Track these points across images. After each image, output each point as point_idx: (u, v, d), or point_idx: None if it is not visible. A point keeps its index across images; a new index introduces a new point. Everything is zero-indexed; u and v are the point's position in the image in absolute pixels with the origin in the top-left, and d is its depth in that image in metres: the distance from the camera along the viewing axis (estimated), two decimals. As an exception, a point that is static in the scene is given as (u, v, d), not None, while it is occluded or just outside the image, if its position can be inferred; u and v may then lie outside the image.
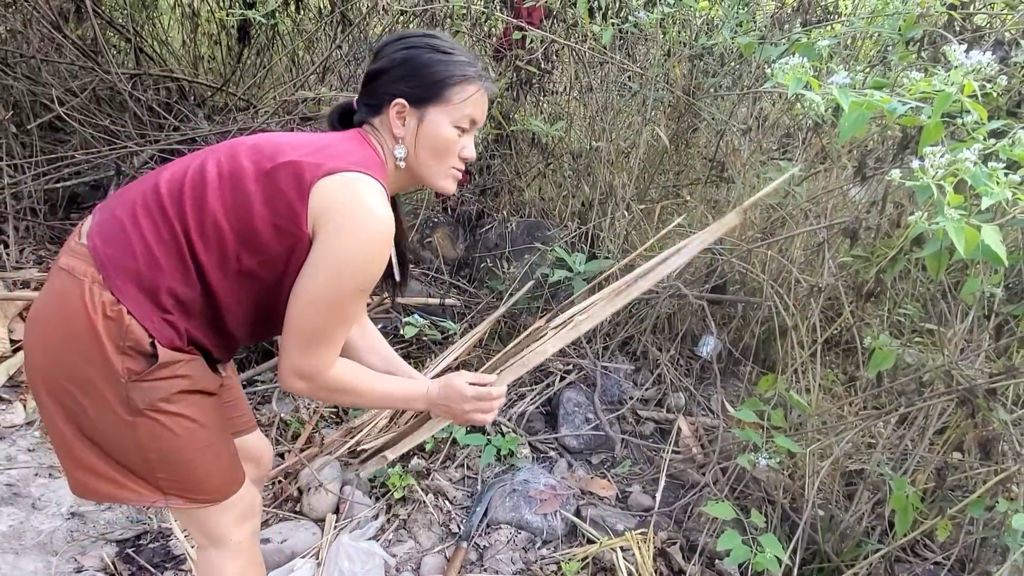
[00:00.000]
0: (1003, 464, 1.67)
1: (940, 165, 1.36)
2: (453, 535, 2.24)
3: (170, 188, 1.19)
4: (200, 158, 1.24)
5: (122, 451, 1.23)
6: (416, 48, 1.28)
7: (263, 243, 1.17)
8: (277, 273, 1.21)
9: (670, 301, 2.83)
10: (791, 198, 2.57)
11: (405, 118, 1.28)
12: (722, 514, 1.87)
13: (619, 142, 3.21)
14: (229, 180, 1.18)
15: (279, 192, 1.15)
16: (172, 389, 1.21)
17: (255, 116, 3.76)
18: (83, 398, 1.19)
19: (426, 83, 1.27)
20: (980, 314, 1.95)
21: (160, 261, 1.17)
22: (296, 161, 1.16)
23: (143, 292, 1.17)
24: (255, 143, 1.24)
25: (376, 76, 1.30)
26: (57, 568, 1.99)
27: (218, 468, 1.32)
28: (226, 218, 1.16)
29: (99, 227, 1.20)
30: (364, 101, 1.33)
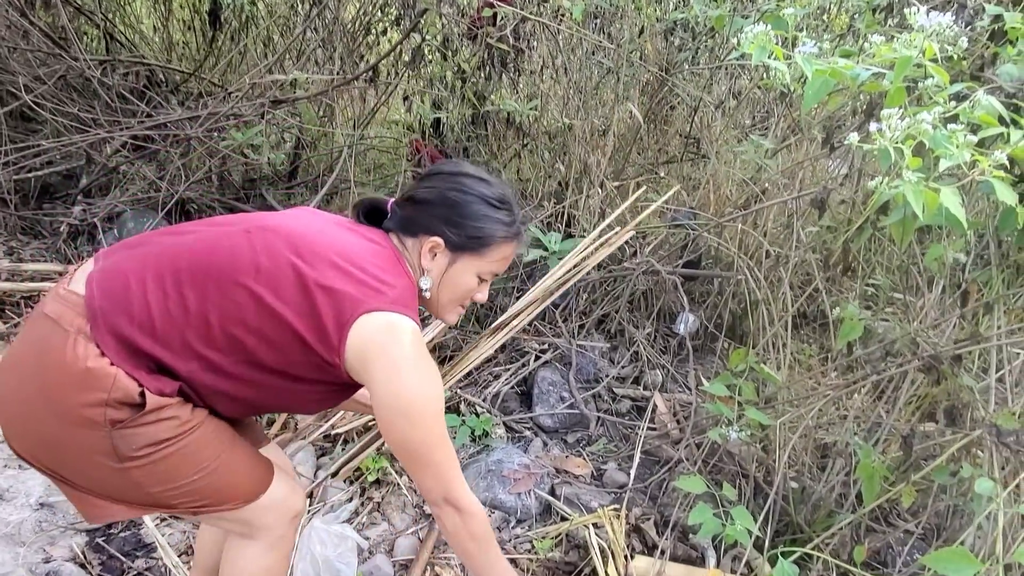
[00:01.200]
0: (969, 431, 1.67)
1: (898, 128, 1.34)
2: (427, 516, 2.23)
3: (192, 264, 1.16)
4: (228, 241, 1.19)
5: (123, 493, 1.19)
6: (470, 195, 1.30)
7: (286, 347, 1.16)
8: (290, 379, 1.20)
9: (645, 278, 2.81)
10: (764, 171, 2.56)
11: (436, 255, 1.32)
12: (694, 488, 1.86)
13: (594, 120, 3.18)
14: (267, 277, 1.15)
15: (316, 313, 1.14)
16: (160, 435, 1.14)
17: (226, 99, 3.71)
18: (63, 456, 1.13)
19: (469, 236, 1.30)
20: (951, 284, 1.94)
21: (156, 330, 1.13)
22: (338, 290, 1.15)
23: (128, 351, 1.12)
24: (290, 237, 1.21)
25: (423, 204, 1.32)
26: (25, 559, 1.97)
27: (237, 476, 1.27)
28: (255, 312, 1.14)
29: (100, 275, 1.15)
30: (402, 218, 1.34)
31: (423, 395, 1.19)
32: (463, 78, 3.30)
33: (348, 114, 4.05)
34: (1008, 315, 1.75)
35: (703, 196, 2.85)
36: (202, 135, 3.43)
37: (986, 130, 1.43)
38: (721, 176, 2.80)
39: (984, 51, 1.80)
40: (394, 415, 1.19)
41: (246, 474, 1.29)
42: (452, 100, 3.33)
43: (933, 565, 1.30)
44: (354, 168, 3.50)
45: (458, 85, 3.32)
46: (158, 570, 1.99)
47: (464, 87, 3.30)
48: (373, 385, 1.18)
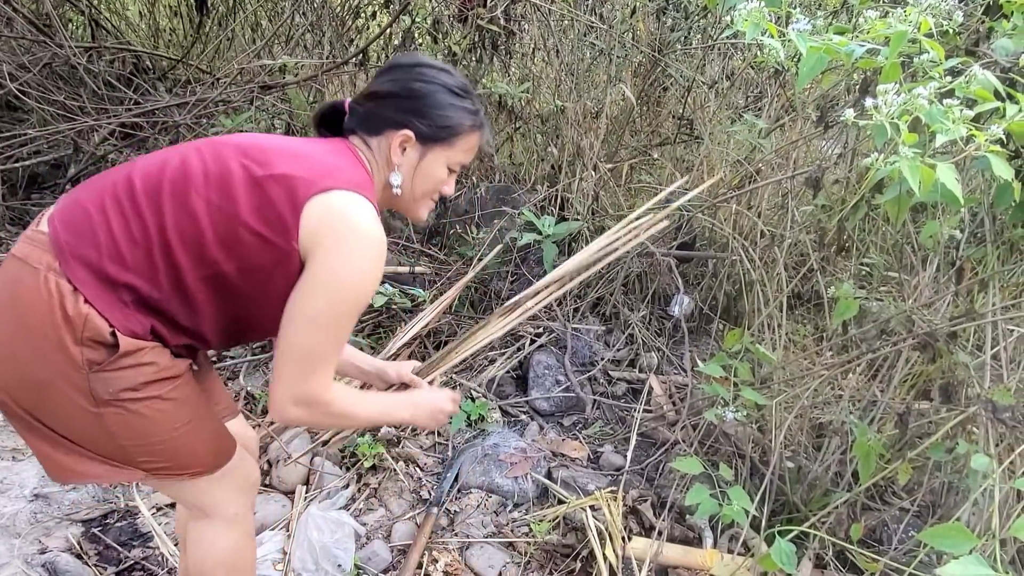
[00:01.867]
0: (964, 408, 1.67)
1: (894, 103, 1.33)
2: (424, 502, 2.23)
3: (146, 184, 1.14)
4: (179, 153, 1.19)
5: (93, 442, 1.18)
6: (434, 84, 1.28)
7: (246, 249, 1.15)
8: (258, 283, 1.18)
9: (639, 260, 2.80)
10: (758, 152, 2.55)
11: (406, 149, 1.29)
12: (690, 469, 1.86)
13: (587, 102, 3.16)
14: (216, 181, 1.14)
15: (270, 203, 1.13)
16: (138, 379, 1.15)
17: (215, 85, 3.66)
18: (44, 394, 1.13)
19: (439, 125, 1.28)
20: (944, 261, 1.94)
21: (125, 257, 1.12)
22: (289, 175, 1.14)
23: (101, 283, 1.11)
24: (239, 144, 1.20)
25: (385, 98, 1.29)
26: (21, 550, 1.96)
27: (201, 444, 1.27)
28: (209, 219, 1.13)
29: (61, 213, 1.14)
30: (363, 116, 1.31)
31: (360, 275, 1.16)
32: (454, 61, 3.27)
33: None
34: (1003, 292, 1.75)
35: (697, 177, 2.84)
36: (191, 122, 3.39)
37: (982, 105, 1.41)
38: (715, 157, 2.79)
39: (979, 25, 1.78)
40: (320, 285, 1.15)
41: (211, 443, 1.30)
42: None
43: (930, 541, 1.30)
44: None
45: (449, 69, 3.28)
46: (155, 559, 1.98)
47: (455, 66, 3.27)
48: (315, 257, 1.14)
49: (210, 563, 1.39)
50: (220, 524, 1.36)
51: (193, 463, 1.27)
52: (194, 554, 1.40)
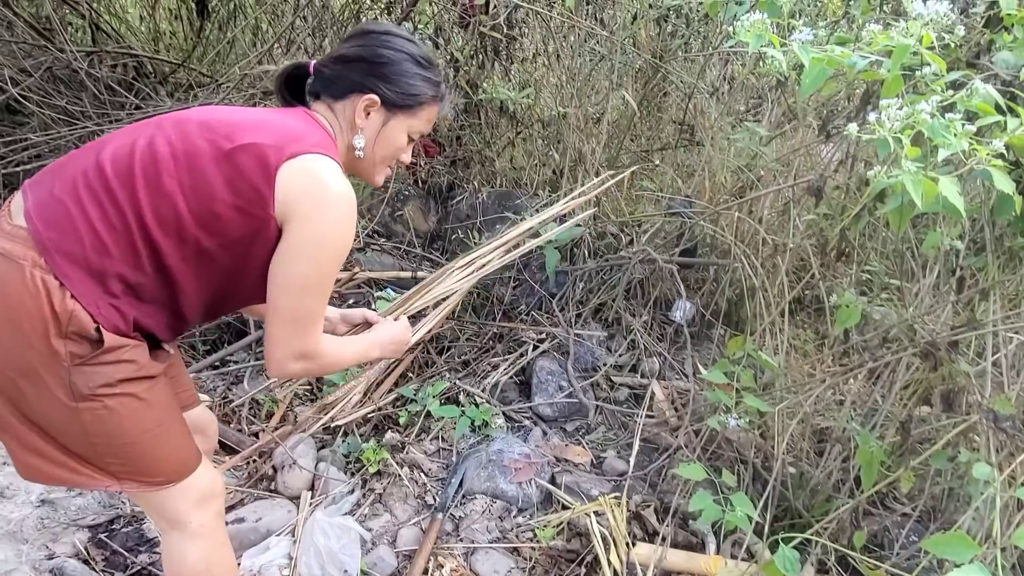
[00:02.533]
0: (966, 416, 1.69)
1: (897, 117, 1.35)
2: (429, 507, 2.24)
3: (117, 169, 1.15)
4: (144, 135, 1.19)
5: (68, 437, 1.20)
6: (402, 53, 1.32)
7: (224, 225, 1.17)
8: (238, 255, 1.21)
9: (642, 266, 2.82)
10: (759, 159, 2.56)
11: (370, 113, 1.33)
12: (694, 475, 1.88)
13: (588, 108, 3.17)
14: (185, 160, 1.16)
15: (241, 174, 1.16)
16: (116, 375, 1.17)
17: (217, 90, 3.67)
18: (24, 385, 1.15)
19: (405, 92, 1.32)
20: (945, 270, 1.96)
21: (109, 247, 1.14)
22: (257, 144, 1.17)
23: (90, 276, 1.13)
24: (203, 120, 1.22)
25: (353, 62, 1.32)
26: (28, 556, 1.97)
27: (169, 450, 1.29)
28: (184, 200, 1.15)
29: (37, 208, 1.14)
30: (329, 78, 1.33)
31: (339, 234, 1.22)
32: (456, 67, 3.28)
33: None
34: (1003, 301, 1.77)
35: (698, 184, 2.86)
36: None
37: (983, 118, 1.44)
38: (716, 164, 2.81)
39: (980, 38, 1.80)
40: (304, 249, 1.20)
41: (178, 452, 1.31)
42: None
43: (932, 549, 1.32)
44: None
45: (451, 74, 3.30)
46: (161, 565, 1.99)
47: (457, 76, 3.28)
48: (294, 223, 1.18)
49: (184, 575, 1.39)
50: (185, 535, 1.36)
51: (157, 471, 1.27)
52: (167, 568, 1.41)
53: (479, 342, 2.93)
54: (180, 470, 1.31)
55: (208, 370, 2.77)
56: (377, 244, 3.39)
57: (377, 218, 3.44)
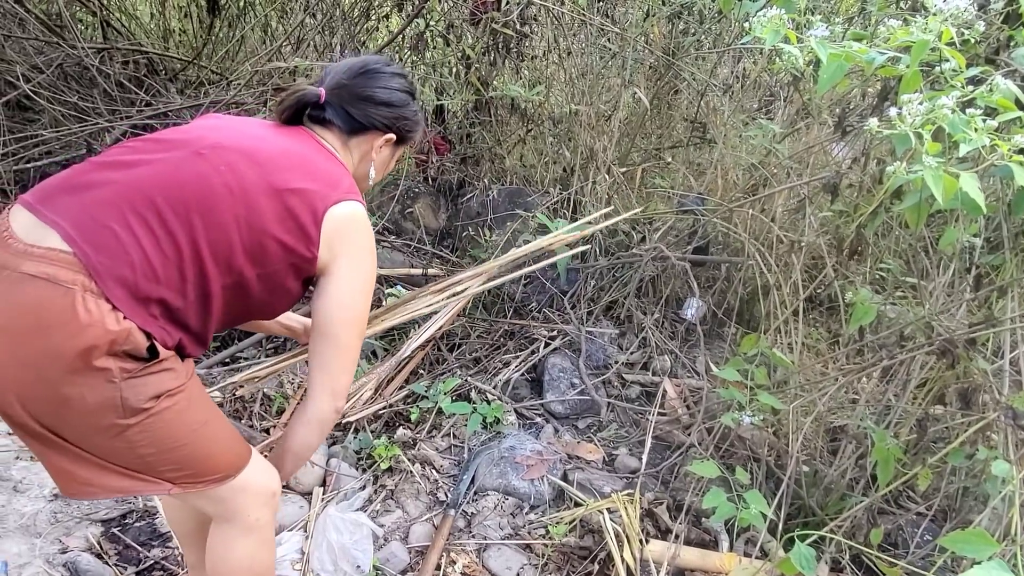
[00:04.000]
0: (984, 414, 1.68)
1: (918, 113, 1.34)
2: (441, 503, 2.24)
3: (168, 199, 1.17)
4: (188, 165, 1.22)
5: (116, 456, 1.19)
6: (408, 95, 1.48)
7: (269, 256, 1.25)
8: (271, 285, 1.29)
9: (653, 264, 2.82)
10: (772, 156, 2.55)
11: (383, 147, 1.48)
12: (708, 472, 1.88)
13: (599, 105, 3.17)
14: (240, 195, 1.21)
15: (292, 214, 1.24)
16: (163, 384, 1.18)
17: (227, 88, 3.68)
18: (66, 413, 1.13)
19: (410, 131, 1.51)
20: (961, 267, 1.95)
21: (158, 273, 1.15)
22: (305, 189, 1.26)
23: (135, 300, 1.14)
24: (243, 151, 1.26)
25: (380, 105, 1.44)
26: (42, 550, 1.98)
27: (220, 444, 1.29)
28: (238, 231, 1.21)
29: (81, 233, 1.12)
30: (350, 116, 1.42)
31: (373, 272, 1.38)
32: (468, 64, 3.28)
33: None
34: (1021, 298, 1.76)
35: (710, 181, 2.85)
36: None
37: (1003, 114, 1.42)
38: (728, 161, 2.80)
39: (998, 34, 1.79)
40: (358, 288, 1.35)
41: (228, 446, 1.31)
42: (455, 86, 3.31)
43: (951, 546, 1.31)
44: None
45: (462, 71, 3.30)
46: (174, 559, 2.00)
47: (468, 73, 3.28)
48: (339, 269, 1.31)
49: (226, 569, 1.40)
50: (239, 530, 1.37)
51: (215, 467, 1.28)
52: (211, 559, 1.41)
53: (490, 339, 2.93)
54: (235, 463, 1.32)
55: (219, 366, 2.78)
56: (387, 241, 3.39)
57: (387, 215, 3.44)
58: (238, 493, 1.33)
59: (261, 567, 1.43)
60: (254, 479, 1.35)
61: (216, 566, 1.41)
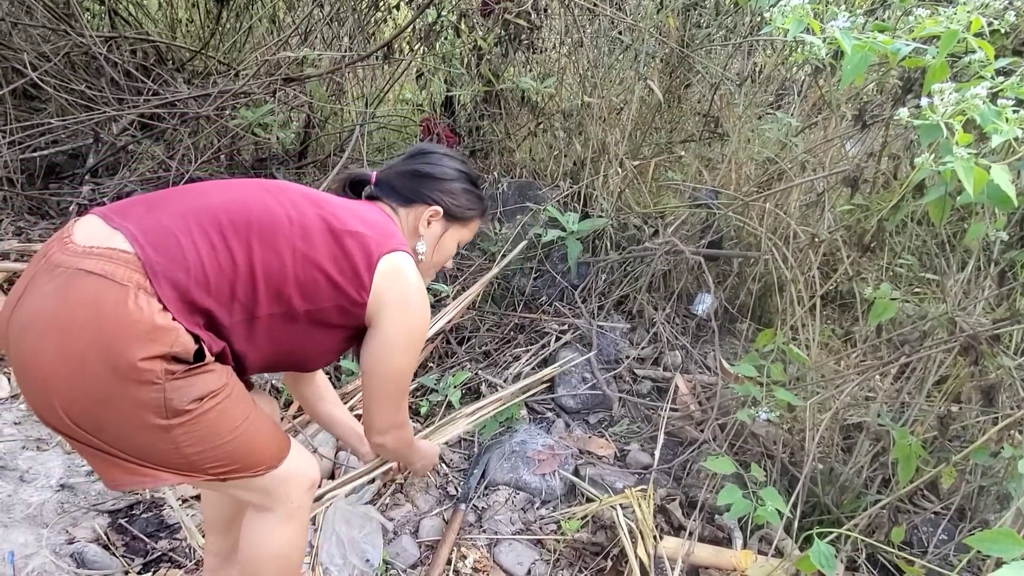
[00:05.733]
0: (1005, 411, 1.65)
1: (950, 103, 1.31)
2: (451, 498, 2.22)
3: (231, 218, 1.22)
4: (253, 194, 1.29)
5: (159, 456, 1.19)
6: (460, 172, 1.54)
7: (320, 292, 1.28)
8: (319, 325, 1.32)
9: (665, 258, 2.79)
10: (787, 150, 2.53)
11: (431, 222, 1.52)
12: (722, 469, 1.85)
13: (611, 98, 3.14)
14: (300, 227, 1.26)
15: (347, 255, 1.28)
16: (207, 386, 1.18)
17: (235, 78, 3.65)
18: (105, 415, 1.13)
19: (463, 207, 1.54)
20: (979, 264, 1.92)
21: (210, 283, 1.17)
22: (362, 233, 1.31)
23: (183, 304, 1.15)
24: (308, 193, 1.36)
25: (423, 177, 1.51)
26: (48, 540, 1.96)
27: (263, 437, 1.31)
28: (292, 261, 1.24)
29: (145, 234, 1.16)
30: (397, 189, 1.51)
31: (422, 327, 1.41)
32: (479, 55, 3.25)
33: (356, 93, 3.99)
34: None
35: (724, 175, 2.82)
36: (212, 113, 3.38)
37: (1034, 106, 1.39)
38: (742, 155, 2.77)
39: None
40: (403, 342, 1.38)
41: (270, 437, 1.33)
42: (466, 78, 3.28)
43: (978, 545, 1.28)
44: (365, 147, 3.46)
45: (473, 62, 3.26)
46: (182, 551, 1.98)
47: (480, 65, 3.25)
48: (385, 319, 1.35)
49: (266, 555, 1.40)
50: (280, 517, 1.38)
51: (259, 459, 1.30)
52: (249, 545, 1.42)
53: (500, 332, 2.91)
54: (278, 453, 1.33)
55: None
56: (396, 234, 3.35)
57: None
58: (281, 483, 1.35)
59: (299, 552, 1.46)
60: (296, 468, 1.37)
61: (257, 552, 1.41)
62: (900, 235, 2.26)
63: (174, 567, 1.92)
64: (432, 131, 3.58)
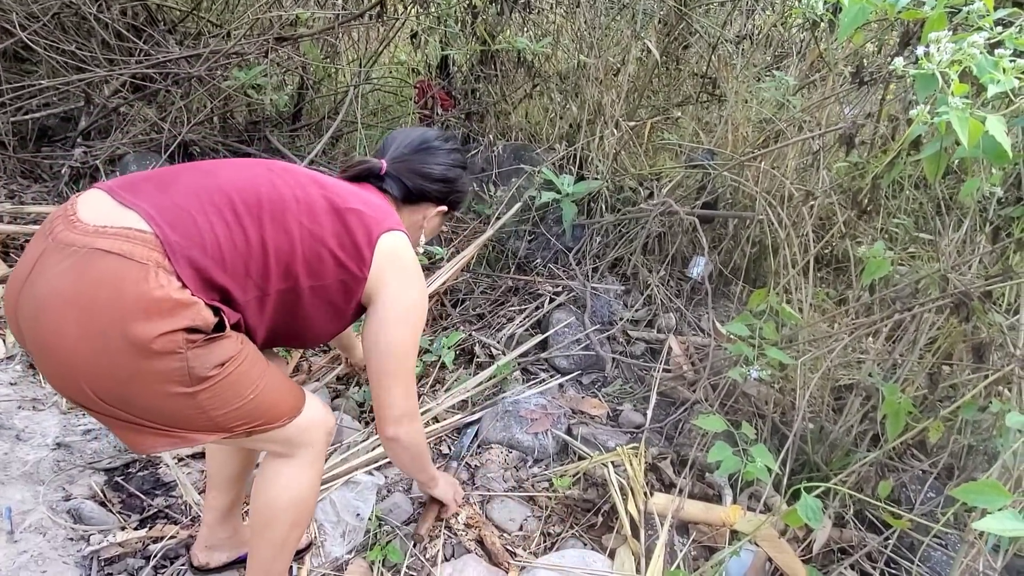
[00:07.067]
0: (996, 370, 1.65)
1: (946, 51, 1.29)
2: (444, 456, 2.24)
3: (243, 198, 1.25)
4: (262, 175, 1.32)
5: (185, 421, 1.22)
6: (462, 168, 1.64)
7: (324, 269, 1.32)
8: (321, 301, 1.35)
9: (660, 220, 2.77)
10: (784, 111, 2.50)
11: (436, 217, 1.64)
12: (713, 427, 1.86)
13: (608, 59, 3.09)
14: (306, 207, 1.31)
15: (349, 232, 1.33)
16: (227, 351, 1.21)
17: (227, 38, 3.59)
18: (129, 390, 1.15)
19: (461, 201, 1.69)
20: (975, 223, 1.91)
21: (225, 261, 1.20)
22: (363, 212, 1.36)
23: (201, 282, 1.18)
24: (311, 175, 1.40)
25: (437, 181, 1.59)
26: (45, 497, 1.97)
27: (281, 390, 1.35)
28: (300, 239, 1.28)
29: (161, 214, 1.17)
30: (408, 188, 1.57)
31: (422, 302, 1.45)
32: (475, 14, 3.19)
33: (351, 55, 3.94)
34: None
35: (720, 136, 2.79)
36: (204, 74, 3.33)
37: (1033, 56, 1.37)
38: (739, 116, 2.74)
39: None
40: (397, 319, 1.40)
41: (287, 391, 1.38)
42: (461, 38, 3.23)
43: (963, 497, 1.29)
44: (359, 110, 3.42)
45: (468, 21, 3.21)
46: (178, 507, 2.00)
47: (475, 23, 3.19)
48: (384, 294, 1.39)
49: (286, 499, 1.44)
50: (303, 462, 1.43)
51: (281, 412, 1.35)
52: (269, 491, 1.45)
53: (494, 295, 2.91)
54: (296, 404, 1.38)
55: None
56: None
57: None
58: (303, 431, 1.40)
59: (315, 496, 1.52)
60: (314, 415, 1.42)
61: (278, 497, 1.44)
62: (897, 198, 2.24)
63: (170, 523, 1.94)
64: (427, 93, 3.54)
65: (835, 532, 1.93)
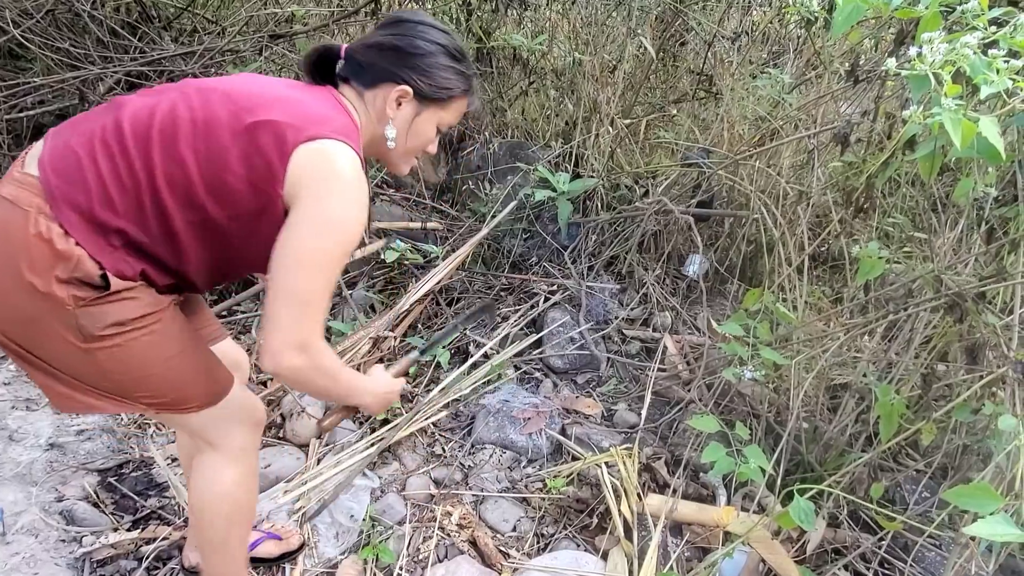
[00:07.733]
0: (990, 371, 1.65)
1: (939, 52, 1.28)
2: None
3: (135, 129, 1.15)
4: (168, 99, 1.19)
5: (89, 377, 1.21)
6: (436, 44, 1.30)
7: (234, 197, 1.17)
8: (246, 229, 1.21)
9: (656, 218, 2.76)
10: (780, 109, 2.48)
11: (401, 104, 1.30)
12: (707, 427, 1.85)
13: (604, 56, 3.08)
14: (204, 129, 1.16)
15: (258, 150, 1.15)
16: (125, 314, 1.17)
17: (222, 35, 3.58)
18: (33, 332, 1.15)
19: (438, 86, 1.30)
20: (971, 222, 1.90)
21: (115, 202, 1.14)
22: (277, 121, 1.16)
23: (92, 227, 1.13)
24: (227, 90, 1.21)
25: (387, 50, 1.29)
26: (38, 498, 1.97)
27: (195, 375, 1.29)
28: (197, 167, 1.15)
29: (51, 157, 1.14)
30: (361, 65, 1.31)
31: (347, 216, 1.17)
32: (469, 11, 3.18)
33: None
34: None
35: (716, 135, 2.78)
36: (198, 71, 3.32)
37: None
38: (735, 114, 2.72)
39: (1024, -26, 1.71)
40: (311, 226, 1.16)
41: (205, 376, 1.31)
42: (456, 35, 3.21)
43: (955, 500, 1.28)
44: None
45: (463, 19, 3.20)
46: (171, 508, 1.99)
47: (470, 21, 3.18)
48: (301, 202, 1.16)
49: (211, 496, 1.41)
50: (226, 457, 1.39)
51: (191, 395, 1.29)
52: (196, 486, 1.42)
53: (489, 294, 2.90)
54: (212, 392, 1.32)
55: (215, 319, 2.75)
56: (386, 195, 3.33)
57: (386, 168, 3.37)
58: (219, 421, 1.34)
59: (247, 496, 1.45)
60: (235, 409, 1.36)
61: (202, 493, 1.42)
62: (893, 196, 2.23)
63: (163, 524, 1.94)
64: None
65: (829, 532, 1.92)
